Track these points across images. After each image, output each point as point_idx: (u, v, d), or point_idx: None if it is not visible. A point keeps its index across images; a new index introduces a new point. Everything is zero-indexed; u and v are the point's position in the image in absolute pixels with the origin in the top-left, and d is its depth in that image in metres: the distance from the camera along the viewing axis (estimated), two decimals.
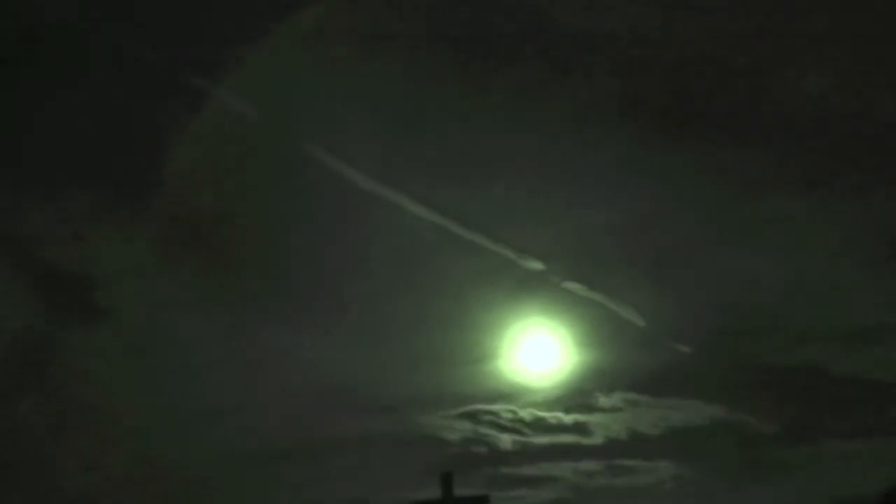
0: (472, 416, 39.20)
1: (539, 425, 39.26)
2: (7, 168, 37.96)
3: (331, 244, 39.22)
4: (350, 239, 39.23)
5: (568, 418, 39.48)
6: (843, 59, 38.05)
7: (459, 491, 27.72)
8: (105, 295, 38.84)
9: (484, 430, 39.10)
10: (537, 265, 38.94)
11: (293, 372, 38.59)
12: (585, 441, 39.47)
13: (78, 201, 38.18)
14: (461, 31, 38.39)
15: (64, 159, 38.58)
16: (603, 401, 39.55)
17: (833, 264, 39.05)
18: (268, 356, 38.50)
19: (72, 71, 37.96)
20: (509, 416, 39.32)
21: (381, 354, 39.08)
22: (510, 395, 39.54)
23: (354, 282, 39.21)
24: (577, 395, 39.62)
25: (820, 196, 38.79)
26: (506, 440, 39.27)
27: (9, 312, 37.51)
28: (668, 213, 39.69)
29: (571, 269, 38.95)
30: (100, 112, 38.53)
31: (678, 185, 39.32)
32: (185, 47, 37.95)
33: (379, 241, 39.09)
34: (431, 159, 39.41)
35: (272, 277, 39.75)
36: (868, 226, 38.87)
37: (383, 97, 38.81)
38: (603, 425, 39.42)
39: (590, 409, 39.48)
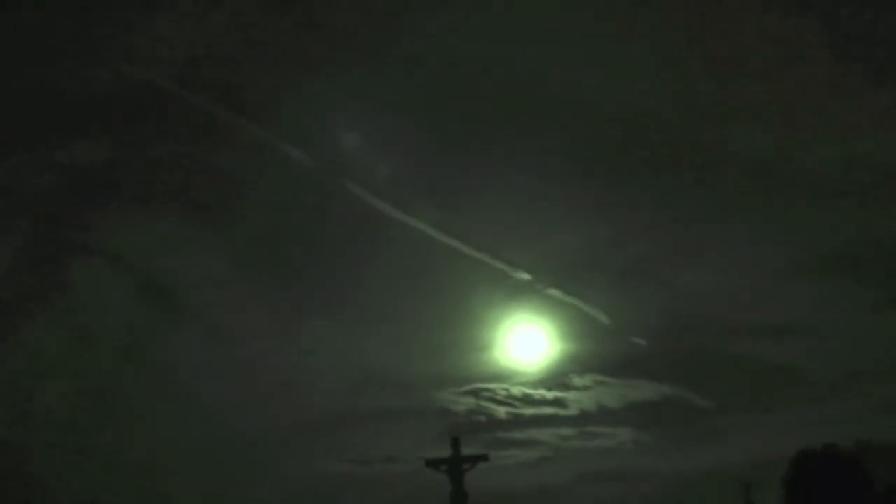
0: (475, 393, 41.78)
1: (527, 400, 42.02)
2: (114, 201, 41.38)
3: (365, 260, 42.24)
4: (379, 256, 42.23)
5: (549, 394, 42.16)
6: (771, 116, 40.94)
7: (465, 451, 28.88)
8: (189, 298, 42.25)
9: (484, 403, 41.80)
10: (526, 276, 41.98)
11: (335, 358, 41.51)
12: (563, 412, 42.07)
13: (168, 226, 41.37)
14: (468, 92, 41.01)
15: (157, 196, 42.04)
16: (577, 381, 42.19)
17: (759, 275, 41.95)
18: (316, 346, 41.39)
19: (159, 127, 41.36)
20: (503, 392, 41.93)
21: (403, 345, 42.03)
22: (504, 376, 42.20)
23: (382, 289, 42.07)
24: (556, 377, 42.24)
25: (748, 221, 41.69)
26: (501, 412, 41.86)
27: (114, 311, 40.94)
28: (628, 236, 42.84)
29: (553, 279, 42.01)
30: (183, 160, 42.02)
31: (637, 214, 42.29)
32: (249, 104, 41.29)
33: (402, 258, 41.90)
34: (444, 195, 42.67)
35: (320, 285, 42.68)
36: (788, 244, 41.59)
37: (405, 144, 41.96)
38: (577, 400, 42.11)
39: (566, 387, 42.17)
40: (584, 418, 41.83)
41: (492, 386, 41.96)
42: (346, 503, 38.97)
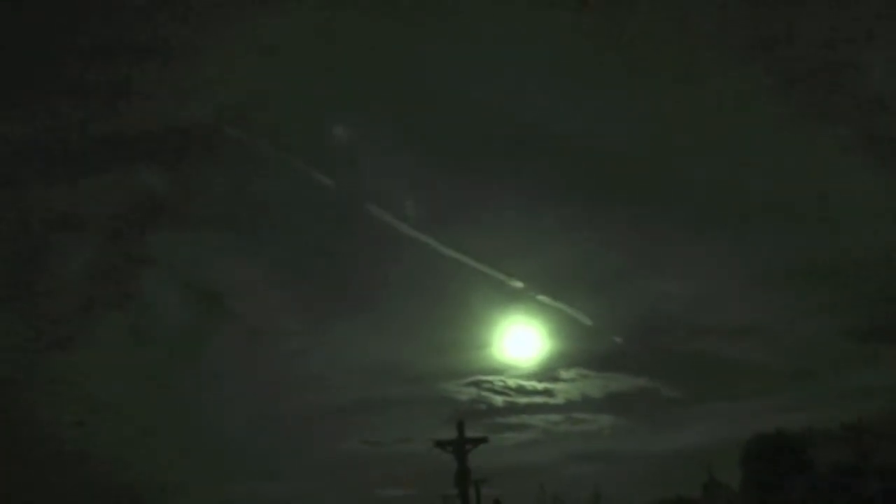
0: (476, 384, 44.38)
1: (521, 390, 44.65)
2: (170, 220, 44.08)
3: (381, 270, 45.36)
4: (393, 267, 45.08)
5: (540, 386, 44.76)
6: (728, 149, 44.09)
7: (468, 434, 28.29)
8: (232, 302, 45.23)
9: (484, 393, 44.32)
10: (519, 284, 44.22)
11: (357, 354, 44.40)
12: (552, 401, 44.74)
13: (215, 242, 44.34)
14: (472, 129, 44.25)
15: (207, 216, 44.88)
16: (564, 374, 44.87)
17: (720, 283, 45.54)
18: (339, 344, 44.30)
19: (207, 158, 43.77)
20: (501, 384, 44.50)
21: (414, 343, 45.12)
22: (501, 370, 44.87)
23: (398, 296, 45.18)
24: (546, 370, 44.82)
25: (710, 238, 45.05)
26: (498, 400, 44.41)
27: (169, 313, 43.72)
28: (608, 250, 45.89)
29: (542, 287, 44.38)
30: (228, 186, 44.90)
31: (615, 232, 45.60)
32: (284, 139, 43.53)
33: (412, 269, 44.76)
34: (449, 215, 45.91)
35: (343, 292, 45.56)
36: (745, 258, 44.87)
37: (417, 172, 44.81)
38: (564, 391, 44.82)
39: (555, 379, 44.89)
40: (569, 406, 44.56)
41: (491, 378, 44.39)
42: (366, 478, 41.31)
